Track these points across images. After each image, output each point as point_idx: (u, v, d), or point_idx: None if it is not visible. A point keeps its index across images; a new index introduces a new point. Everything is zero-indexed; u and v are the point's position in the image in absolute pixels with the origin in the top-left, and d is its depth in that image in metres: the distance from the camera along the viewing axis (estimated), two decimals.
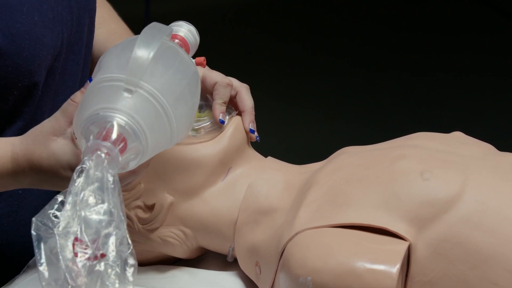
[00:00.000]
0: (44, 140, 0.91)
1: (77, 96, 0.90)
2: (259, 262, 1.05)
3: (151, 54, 0.88)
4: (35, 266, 1.12)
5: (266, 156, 1.15)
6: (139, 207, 1.08)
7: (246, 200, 1.08)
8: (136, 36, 0.92)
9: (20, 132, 1.04)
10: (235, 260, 1.10)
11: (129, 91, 0.86)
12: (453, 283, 0.95)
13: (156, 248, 1.10)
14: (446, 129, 1.18)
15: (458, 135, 1.11)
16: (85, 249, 0.78)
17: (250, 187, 1.09)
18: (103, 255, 0.78)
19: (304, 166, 1.13)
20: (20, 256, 1.13)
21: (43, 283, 0.78)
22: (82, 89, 0.90)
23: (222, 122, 1.08)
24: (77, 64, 1.12)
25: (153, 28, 0.92)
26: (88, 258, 0.78)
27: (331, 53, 3.44)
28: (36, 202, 1.11)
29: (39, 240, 0.79)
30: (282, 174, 1.10)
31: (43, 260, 0.79)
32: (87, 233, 0.78)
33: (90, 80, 0.90)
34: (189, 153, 1.06)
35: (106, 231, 0.79)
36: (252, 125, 1.11)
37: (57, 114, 0.91)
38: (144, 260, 1.12)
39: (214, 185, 1.09)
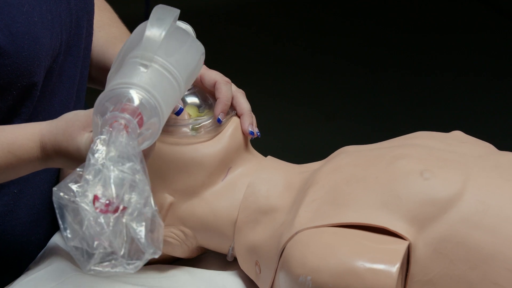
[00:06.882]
0: (73, 133, 0.92)
1: None
2: (259, 261, 1.05)
3: (165, 29, 0.89)
4: (35, 268, 1.11)
5: (266, 156, 1.15)
6: None
7: (246, 199, 1.08)
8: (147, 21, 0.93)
9: None
10: (235, 260, 1.10)
11: (144, 65, 0.87)
12: (453, 283, 0.95)
13: None
14: (446, 129, 1.18)
15: (457, 134, 1.11)
16: (107, 204, 0.78)
17: (250, 186, 1.09)
18: (124, 208, 0.78)
19: (303, 166, 1.13)
20: (17, 256, 1.13)
21: (70, 245, 0.78)
22: None
23: (219, 121, 1.08)
24: (75, 66, 1.12)
25: (163, 7, 0.93)
26: (109, 211, 0.78)
27: (331, 53, 3.43)
28: (32, 201, 1.11)
29: (61, 207, 0.79)
30: (282, 174, 1.10)
31: (66, 224, 0.79)
32: (109, 192, 0.79)
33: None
34: (189, 153, 1.06)
35: (128, 191, 0.79)
36: (251, 127, 1.10)
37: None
38: None
39: (214, 185, 1.09)
